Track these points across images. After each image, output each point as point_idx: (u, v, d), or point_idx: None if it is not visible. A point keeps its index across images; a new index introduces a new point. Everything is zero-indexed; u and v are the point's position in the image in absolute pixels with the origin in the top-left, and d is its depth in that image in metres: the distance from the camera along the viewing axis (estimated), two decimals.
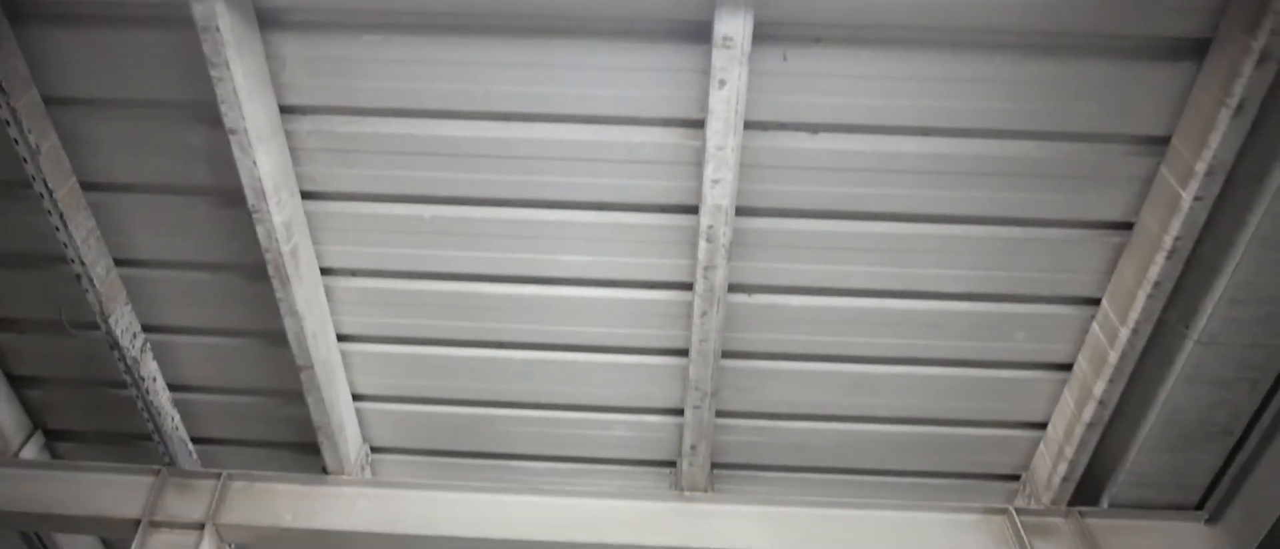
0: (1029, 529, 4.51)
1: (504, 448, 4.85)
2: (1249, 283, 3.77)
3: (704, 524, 4.48)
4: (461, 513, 4.47)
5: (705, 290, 3.90)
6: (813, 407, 4.57)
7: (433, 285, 4.22)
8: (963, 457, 4.79)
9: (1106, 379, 4.12)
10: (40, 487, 4.53)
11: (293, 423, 4.76)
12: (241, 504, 4.51)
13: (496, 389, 4.60)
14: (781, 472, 4.86)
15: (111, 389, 4.76)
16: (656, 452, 4.79)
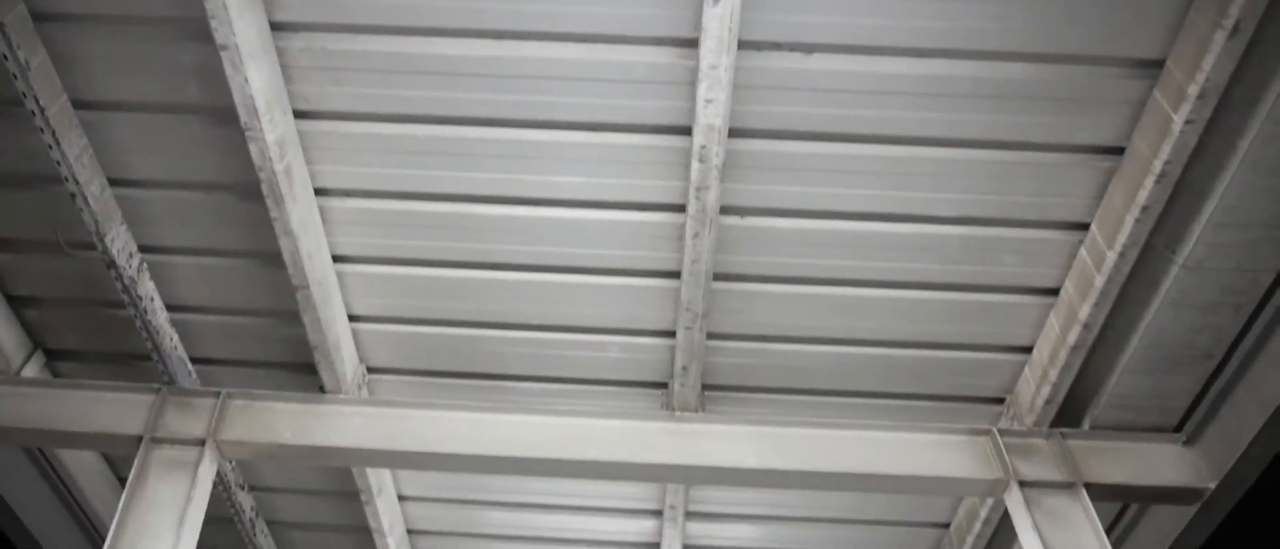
0: (1011, 450, 4.62)
1: (498, 369, 4.93)
2: (1236, 207, 3.81)
3: (694, 443, 4.58)
4: (457, 431, 4.56)
5: (697, 211, 3.93)
6: (803, 329, 4.64)
7: (426, 206, 4.24)
8: (949, 380, 4.88)
9: (1092, 303, 4.18)
10: (43, 404, 4.60)
11: (290, 343, 4.82)
12: (241, 422, 4.60)
13: (490, 310, 4.65)
14: (771, 393, 4.95)
15: (110, 309, 4.81)
16: (648, 373, 4.88)
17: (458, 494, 5.75)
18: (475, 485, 5.68)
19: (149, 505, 4.25)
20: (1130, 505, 5.26)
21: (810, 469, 4.52)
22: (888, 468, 4.55)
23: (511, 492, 5.69)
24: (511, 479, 5.60)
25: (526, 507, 5.78)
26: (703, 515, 5.73)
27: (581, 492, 5.65)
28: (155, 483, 4.34)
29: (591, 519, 5.83)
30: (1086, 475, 4.55)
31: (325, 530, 6.04)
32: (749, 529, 5.84)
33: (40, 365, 5.11)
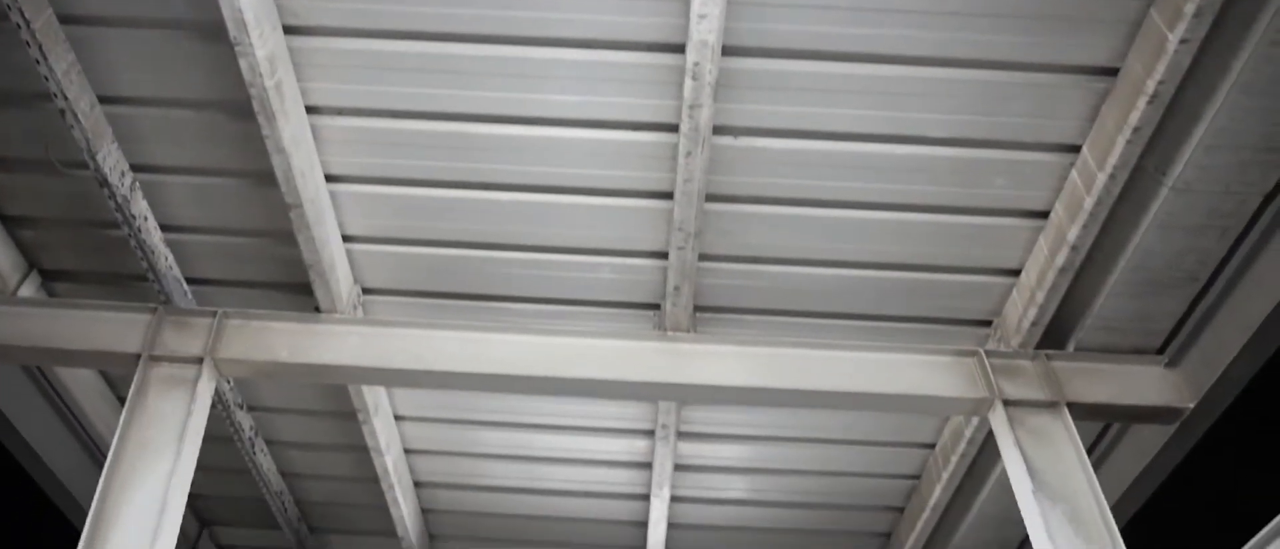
0: (997, 371, 4.71)
1: (491, 290, 4.97)
2: (1226, 129, 3.83)
3: (686, 362, 4.66)
4: (451, 350, 4.62)
5: (690, 130, 3.93)
6: (794, 251, 4.68)
7: (419, 125, 4.23)
8: (938, 302, 4.94)
9: (1080, 224, 4.22)
10: (40, 323, 4.64)
11: (284, 263, 4.85)
12: (238, 340, 4.65)
13: (483, 231, 4.68)
14: (762, 315, 5.02)
15: (104, 229, 4.82)
16: (641, 294, 4.93)
17: (453, 414, 5.85)
18: (471, 405, 5.78)
19: (149, 421, 4.32)
20: (1112, 425, 5.38)
21: (800, 388, 4.60)
22: (876, 387, 4.64)
23: (506, 412, 5.79)
24: (506, 399, 5.69)
25: (521, 426, 5.89)
26: (694, 435, 5.85)
27: (575, 412, 5.75)
28: (155, 400, 4.40)
29: (585, 439, 5.94)
30: (1069, 395, 4.65)
31: (324, 450, 6.15)
32: (739, 449, 5.97)
33: (36, 286, 5.14)
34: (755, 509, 6.48)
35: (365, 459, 5.92)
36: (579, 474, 6.22)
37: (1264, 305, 4.32)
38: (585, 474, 6.22)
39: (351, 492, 6.47)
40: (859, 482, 6.19)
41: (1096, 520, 4.20)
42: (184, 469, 4.18)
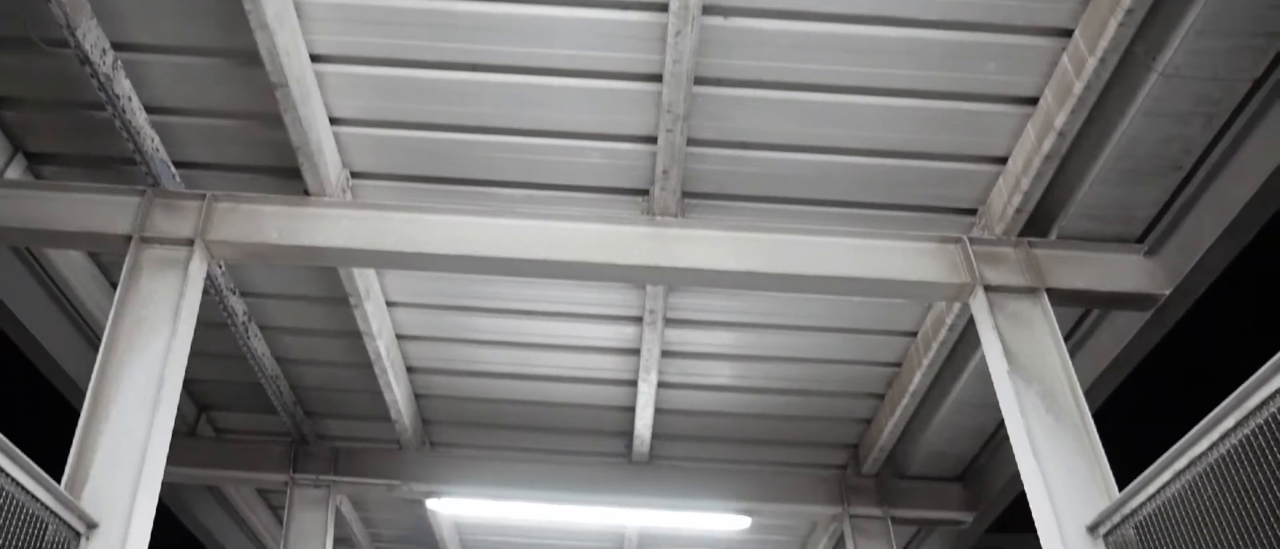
0: (980, 257, 4.79)
1: (481, 174, 4.98)
2: (1218, 14, 3.80)
3: (674, 247, 4.71)
4: (441, 233, 4.66)
5: (680, 8, 3.88)
6: (782, 136, 4.68)
7: (405, 3, 4.15)
8: (925, 190, 4.98)
9: (1069, 110, 4.22)
10: (30, 205, 4.64)
11: (272, 146, 4.83)
12: (228, 223, 4.67)
13: (471, 113, 4.65)
14: (750, 201, 5.05)
15: (88, 110, 4.77)
16: (629, 179, 4.94)
17: (444, 300, 5.92)
18: (461, 292, 5.84)
19: (143, 301, 4.37)
20: (1090, 312, 5.50)
21: (786, 272, 4.68)
22: (860, 272, 4.72)
23: (497, 298, 5.86)
24: (496, 285, 5.76)
25: (511, 313, 5.97)
26: (681, 322, 5.95)
27: (564, 298, 5.83)
28: (148, 280, 4.45)
29: (574, 325, 6.04)
30: (1049, 281, 4.74)
31: (317, 335, 6.24)
32: (725, 336, 6.08)
33: (21, 168, 5.11)
34: (740, 395, 6.64)
35: (358, 345, 6.02)
36: (568, 360, 6.34)
37: (1243, 194, 4.38)
38: (574, 360, 6.34)
39: (345, 377, 6.60)
40: (841, 369, 6.34)
41: (1068, 400, 4.35)
42: (179, 347, 4.26)
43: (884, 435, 6.65)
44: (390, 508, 8.45)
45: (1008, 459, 6.57)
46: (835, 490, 7.25)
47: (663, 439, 7.09)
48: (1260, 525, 2.94)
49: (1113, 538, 3.86)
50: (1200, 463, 3.25)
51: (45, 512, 3.41)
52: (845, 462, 7.39)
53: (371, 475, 7.05)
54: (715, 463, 7.31)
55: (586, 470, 7.17)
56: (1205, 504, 3.22)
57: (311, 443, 7.16)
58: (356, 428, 7.16)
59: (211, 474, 7.13)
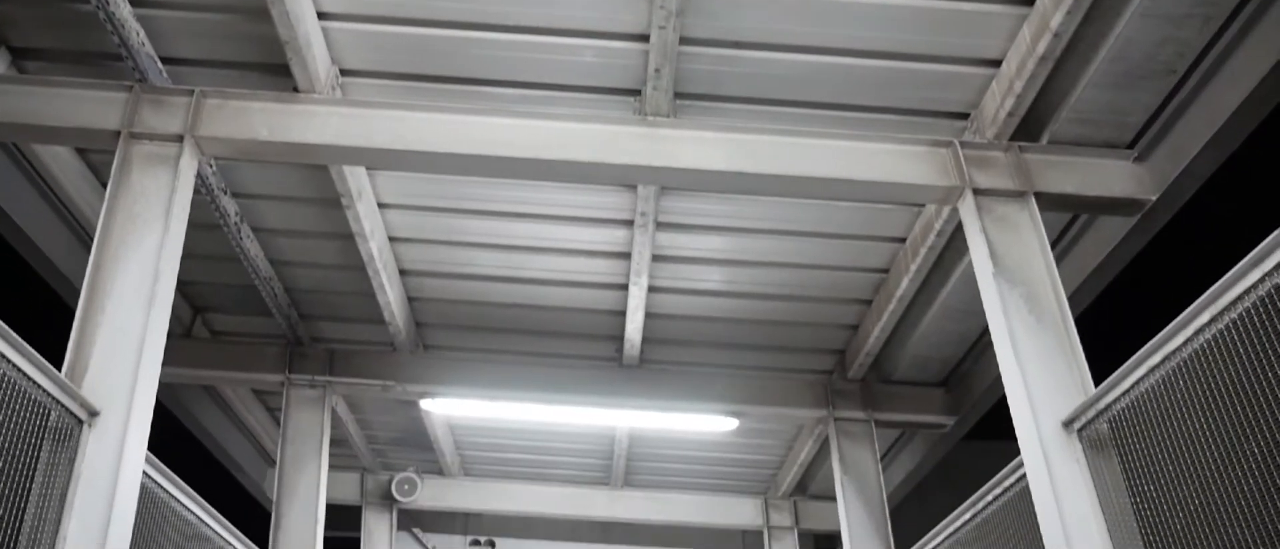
0: (969, 161, 4.81)
1: (472, 73, 4.93)
2: None
3: (666, 147, 4.71)
4: (432, 131, 4.65)
5: None
6: (777, 36, 4.64)
7: None
8: (918, 93, 4.96)
9: (1065, 10, 4.18)
10: (15, 100, 4.59)
11: (260, 42, 4.76)
12: (217, 119, 4.64)
13: (463, 9, 4.58)
14: (742, 103, 5.03)
15: (73, 3, 4.68)
16: (622, 79, 4.91)
17: (436, 202, 5.93)
18: (453, 193, 5.85)
19: (135, 197, 4.38)
20: (1077, 218, 5.56)
21: (777, 173, 4.70)
22: (851, 174, 4.74)
23: (489, 200, 5.87)
24: (488, 187, 5.76)
25: (503, 215, 5.99)
26: (672, 226, 5.99)
27: (556, 200, 5.84)
28: (138, 177, 4.44)
29: (566, 228, 6.07)
30: (1038, 186, 4.78)
31: (309, 237, 6.26)
32: (715, 240, 6.13)
33: (6, 63, 5.03)
34: (729, 300, 6.73)
35: (351, 247, 6.05)
36: (560, 263, 6.39)
37: (1234, 99, 4.39)
38: (566, 264, 6.39)
39: (339, 279, 6.65)
40: (830, 275, 6.42)
41: (1051, 302, 4.43)
42: (172, 243, 4.28)
43: (870, 341, 6.77)
44: (385, 410, 8.61)
45: (990, 365, 6.71)
46: (821, 395, 7.42)
47: (653, 343, 7.20)
48: (1229, 417, 3.04)
49: (1086, 433, 3.99)
50: (1173, 358, 3.34)
51: (48, 399, 3.48)
52: (831, 367, 7.53)
53: (366, 376, 7.17)
54: (704, 367, 7.45)
55: (578, 373, 7.31)
56: (1177, 398, 3.32)
57: (306, 345, 7.26)
58: (350, 330, 7.24)
59: (208, 374, 7.23)
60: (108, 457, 3.68)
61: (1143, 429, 3.53)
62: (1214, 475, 3.11)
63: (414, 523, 10.13)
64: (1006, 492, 4.65)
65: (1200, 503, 3.18)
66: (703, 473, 9.60)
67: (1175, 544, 3.32)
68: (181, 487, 4.54)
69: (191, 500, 4.67)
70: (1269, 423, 2.87)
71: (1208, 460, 3.14)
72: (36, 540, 3.39)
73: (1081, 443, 4.00)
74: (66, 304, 5.98)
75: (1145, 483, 3.53)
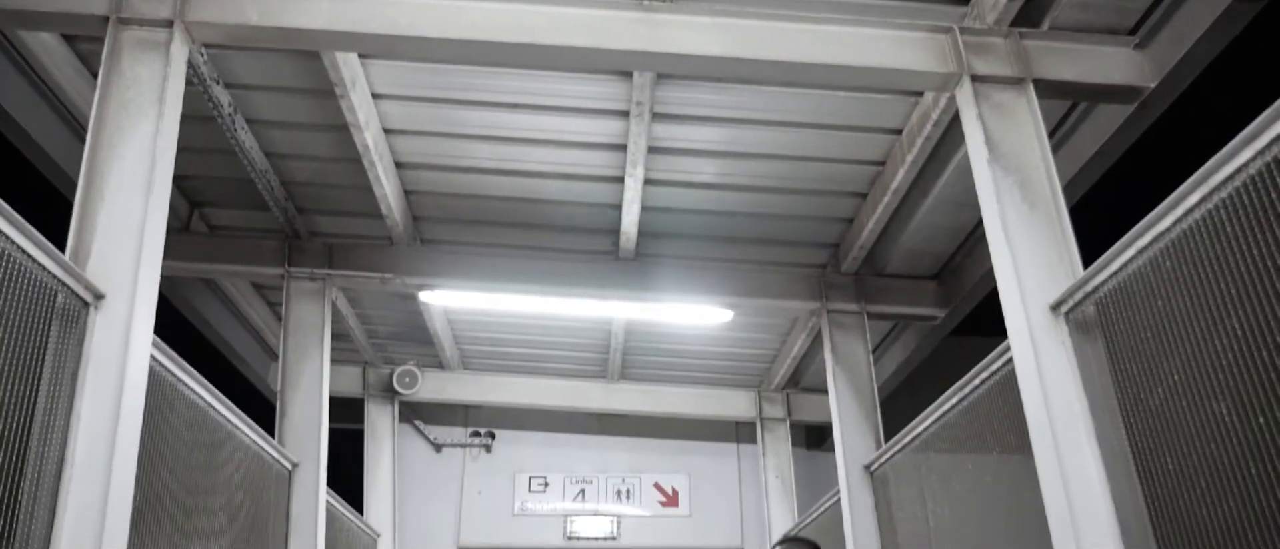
0: (968, 47, 4.77)
1: None
2: None
3: (662, 32, 4.66)
4: (426, 16, 4.58)
5: None
6: None
7: None
8: None
9: None
10: None
11: None
12: (207, 3, 4.56)
13: None
14: None
15: None
16: None
17: (431, 93, 5.88)
18: (448, 83, 5.79)
19: (127, 84, 4.34)
20: (1075, 107, 5.54)
21: (774, 59, 4.66)
22: (849, 60, 4.71)
23: (483, 90, 5.82)
24: (483, 77, 5.71)
25: (499, 106, 5.95)
26: (668, 116, 5.95)
27: (551, 90, 5.79)
28: (129, 64, 4.39)
29: (561, 119, 6.04)
30: (1037, 72, 4.75)
31: (304, 128, 6.22)
32: (711, 131, 6.11)
33: None
34: (725, 193, 6.74)
35: (346, 138, 6.02)
36: (555, 155, 6.38)
37: None
38: (561, 156, 6.38)
39: (335, 172, 6.63)
40: (825, 167, 6.42)
41: (1044, 188, 4.46)
42: (167, 129, 4.27)
43: (864, 234, 6.83)
44: (384, 304, 8.71)
45: (982, 258, 6.79)
46: (815, 287, 7.51)
47: (648, 237, 7.25)
48: (1213, 294, 3.11)
49: (1073, 316, 4.08)
50: (1162, 239, 3.39)
51: (55, 281, 3.54)
52: (825, 260, 7.61)
53: (364, 269, 7.24)
54: (699, 260, 7.52)
55: (574, 266, 7.38)
56: (1163, 278, 3.39)
57: (304, 238, 7.29)
58: (348, 224, 7.27)
59: (207, 268, 7.29)
60: (115, 339, 3.76)
61: (1128, 310, 3.61)
62: (1194, 351, 3.20)
63: (416, 416, 10.37)
64: (993, 376, 4.78)
65: (1181, 378, 3.29)
66: (697, 366, 9.80)
67: (1154, 420, 3.44)
68: (189, 372, 4.64)
69: (200, 385, 4.78)
70: (1251, 298, 2.94)
71: (1189, 337, 3.23)
72: (51, 420, 3.49)
73: (1068, 326, 4.09)
74: (65, 196, 5.98)
75: (1128, 362, 3.63)
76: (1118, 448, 3.70)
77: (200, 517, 4.78)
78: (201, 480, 4.83)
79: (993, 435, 4.90)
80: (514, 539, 10.20)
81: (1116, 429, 3.71)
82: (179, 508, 4.50)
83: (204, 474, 4.88)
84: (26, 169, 5.95)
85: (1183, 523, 3.25)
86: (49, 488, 3.41)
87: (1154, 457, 3.45)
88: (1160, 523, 3.39)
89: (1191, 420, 3.22)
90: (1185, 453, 3.26)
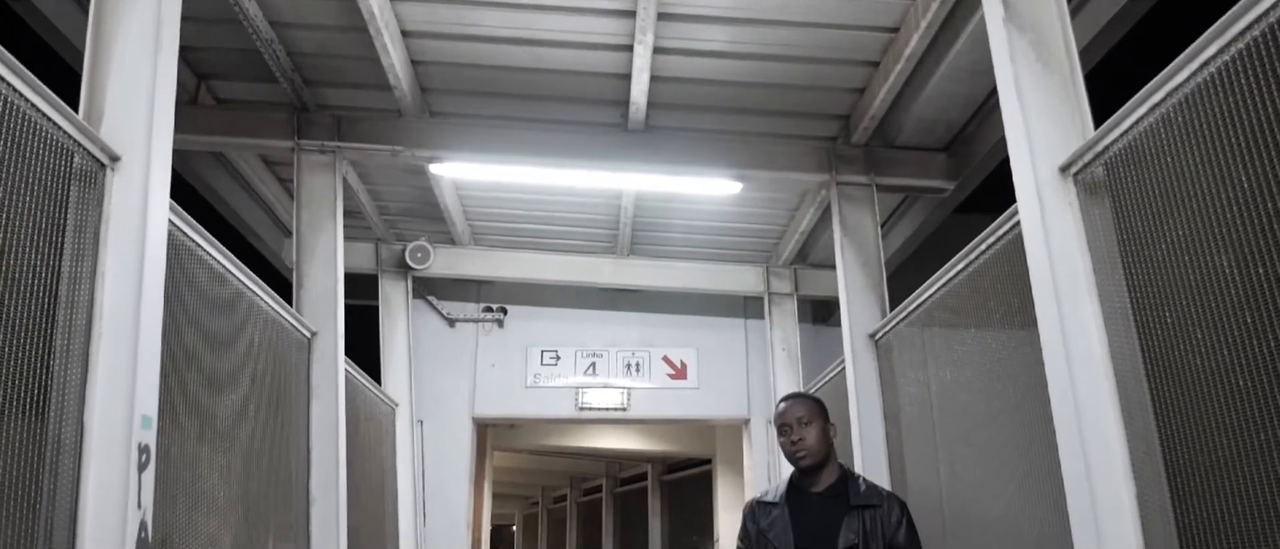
0: None
1: None
2: None
3: None
4: None
5: None
6: None
7: None
8: None
9: None
10: None
11: None
12: None
13: None
14: None
15: None
16: None
17: None
18: None
19: None
20: None
21: None
22: None
23: None
24: None
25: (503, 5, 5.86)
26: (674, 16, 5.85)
27: None
28: None
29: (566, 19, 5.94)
30: None
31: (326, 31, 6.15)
32: (719, 31, 6.01)
33: None
34: (736, 62, 6.66)
35: (351, 6, 5.92)
36: (564, 23, 6.28)
37: None
38: (570, 23, 6.28)
39: (342, 42, 6.56)
40: (838, 34, 6.31)
41: (1059, 49, 4.38)
42: None
43: (876, 104, 6.77)
44: (395, 179, 8.76)
45: (994, 127, 6.75)
46: (824, 159, 7.50)
47: (658, 108, 7.21)
48: (1223, 148, 3.12)
49: (1082, 177, 4.09)
50: (1175, 95, 3.37)
51: (71, 142, 3.58)
52: (836, 132, 7.57)
53: (374, 141, 7.24)
54: (709, 132, 7.49)
55: (584, 137, 7.37)
56: (1174, 134, 3.39)
57: (313, 111, 7.27)
58: (357, 96, 7.23)
59: (216, 141, 7.32)
60: (134, 200, 3.82)
61: (1137, 169, 3.62)
62: (1199, 205, 3.23)
63: (429, 291, 10.55)
64: (1000, 241, 4.83)
65: (1185, 233, 3.33)
66: (706, 242, 9.89)
67: (1156, 275, 3.50)
68: (207, 237, 4.72)
69: (217, 251, 4.87)
70: (1261, 150, 2.95)
71: (1195, 192, 3.26)
72: (77, 276, 3.59)
73: (1076, 187, 4.11)
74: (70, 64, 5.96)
75: (1134, 221, 3.67)
76: (1118, 305, 3.78)
77: (226, 377, 4.95)
78: (225, 343, 4.98)
79: (996, 300, 4.99)
80: (527, 410, 10.54)
81: (1118, 287, 3.78)
82: (205, 368, 4.66)
83: (226, 338, 5.02)
84: (28, 35, 5.91)
85: (1176, 372, 3.35)
86: (80, 342, 3.54)
87: (1153, 311, 3.52)
88: (1155, 373, 3.50)
89: (1192, 274, 3.27)
90: (1184, 306, 3.34)
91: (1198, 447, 3.22)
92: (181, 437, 4.26)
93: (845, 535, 3.85)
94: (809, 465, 4.00)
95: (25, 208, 3.26)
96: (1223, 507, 3.05)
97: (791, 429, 4.01)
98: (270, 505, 5.53)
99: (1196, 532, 3.19)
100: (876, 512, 3.92)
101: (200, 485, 4.44)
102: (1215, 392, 3.12)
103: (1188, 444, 3.27)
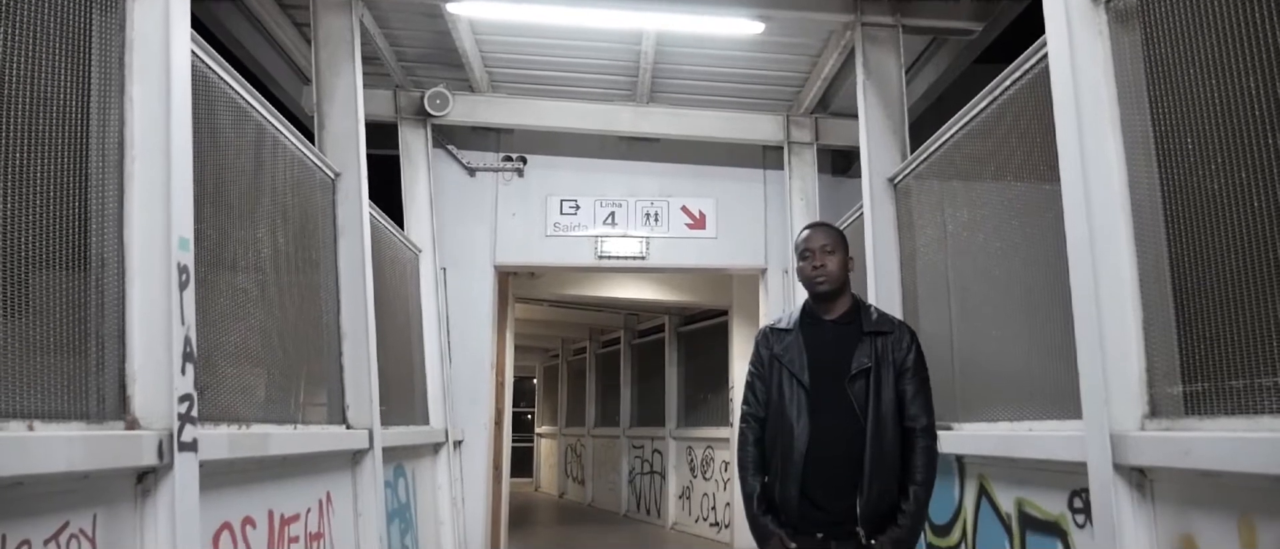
0: None
1: None
2: None
3: None
4: None
5: None
6: None
7: None
8: None
9: None
10: None
11: None
12: None
13: None
14: None
15: None
16: None
17: None
18: None
19: None
20: None
21: None
22: None
23: None
24: None
25: None
26: None
27: None
28: None
29: None
30: None
31: None
32: None
33: None
34: None
35: None
36: None
37: None
38: None
39: None
40: None
41: None
42: None
43: None
44: (412, 23, 8.63)
45: None
46: None
47: None
48: None
49: (1114, 4, 4.00)
50: None
51: None
52: None
53: None
54: None
55: None
56: None
57: None
58: None
59: None
60: (156, 25, 3.82)
61: None
62: (1230, 25, 3.18)
63: (448, 140, 10.56)
64: (1026, 75, 4.77)
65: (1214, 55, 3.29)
66: (726, 89, 9.77)
67: (1181, 100, 3.48)
68: (231, 72, 4.72)
69: (242, 87, 4.88)
70: None
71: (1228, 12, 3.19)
72: (106, 102, 3.64)
73: (1107, 15, 4.02)
74: None
75: (1163, 47, 3.61)
76: (1141, 133, 3.77)
77: (256, 209, 5.07)
78: (252, 176, 5.06)
79: (1018, 138, 4.97)
80: (548, 258, 10.71)
81: (1141, 115, 3.76)
82: (235, 199, 4.76)
83: (253, 171, 5.10)
84: None
85: (1193, 196, 3.38)
86: (114, 163, 3.62)
87: (1175, 137, 3.52)
88: (1171, 201, 3.53)
89: (1218, 97, 3.25)
90: (1207, 130, 3.33)
91: (1207, 268, 3.28)
92: (217, 263, 4.41)
93: (858, 359, 3.99)
94: (826, 291, 4.11)
95: (50, 30, 3.27)
96: (1226, 325, 3.15)
97: (814, 255, 4.09)
98: (305, 339, 5.76)
99: (1198, 349, 3.30)
100: (888, 338, 4.06)
101: (238, 311, 4.63)
102: (1230, 212, 3.15)
103: (1197, 267, 3.34)
